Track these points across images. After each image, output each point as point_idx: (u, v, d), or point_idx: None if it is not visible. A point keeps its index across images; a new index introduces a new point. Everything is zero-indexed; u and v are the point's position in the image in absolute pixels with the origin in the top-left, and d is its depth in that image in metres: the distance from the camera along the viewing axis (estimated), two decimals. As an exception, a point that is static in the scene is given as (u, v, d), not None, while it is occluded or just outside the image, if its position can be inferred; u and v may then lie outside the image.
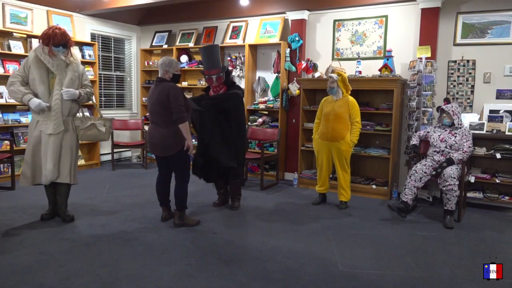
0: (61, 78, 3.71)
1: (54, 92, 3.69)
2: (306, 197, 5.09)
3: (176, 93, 3.60)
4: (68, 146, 3.79)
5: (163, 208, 4.02)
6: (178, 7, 6.70)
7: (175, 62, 3.77)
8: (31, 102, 3.63)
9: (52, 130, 3.69)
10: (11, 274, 2.79)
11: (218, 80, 4.20)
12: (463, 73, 4.98)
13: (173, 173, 3.92)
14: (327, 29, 5.82)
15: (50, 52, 3.66)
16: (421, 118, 4.97)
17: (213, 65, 4.20)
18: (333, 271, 2.96)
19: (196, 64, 6.76)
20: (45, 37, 3.65)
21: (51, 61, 3.67)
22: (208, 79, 4.24)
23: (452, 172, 4.02)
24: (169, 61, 3.73)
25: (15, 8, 5.71)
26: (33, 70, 3.68)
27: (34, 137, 3.74)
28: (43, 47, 3.68)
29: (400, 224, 4.08)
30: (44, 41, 3.66)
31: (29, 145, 3.78)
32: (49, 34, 3.65)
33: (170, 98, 3.57)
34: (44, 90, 3.68)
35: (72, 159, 3.82)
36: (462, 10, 4.95)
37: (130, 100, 7.67)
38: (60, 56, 3.71)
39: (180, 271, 2.91)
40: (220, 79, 4.20)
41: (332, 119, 4.48)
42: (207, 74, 4.23)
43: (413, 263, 3.15)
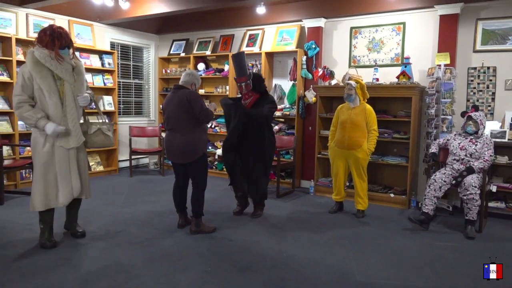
0: (70, 84, 3.31)
1: (67, 102, 3.30)
2: (322, 205, 5.05)
3: (197, 97, 3.69)
4: (84, 157, 3.55)
5: (179, 215, 4.04)
6: (196, 16, 6.79)
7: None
8: (47, 128, 3.23)
9: (75, 143, 3.38)
10: (31, 278, 2.84)
11: (246, 88, 4.24)
12: (484, 80, 4.89)
13: (190, 180, 3.94)
14: (344, 36, 5.80)
15: (57, 55, 3.24)
16: (440, 125, 4.89)
17: (241, 72, 4.25)
18: (350, 281, 2.92)
19: (213, 72, 6.82)
20: (49, 39, 3.21)
21: (59, 66, 3.24)
22: (239, 86, 4.31)
23: (473, 181, 3.93)
24: (199, 76, 3.91)
25: (38, 18, 5.87)
26: (37, 80, 3.20)
27: (45, 154, 3.30)
28: (49, 51, 3.22)
29: (419, 234, 4.00)
30: (48, 44, 3.22)
31: (39, 163, 3.32)
32: (53, 35, 3.23)
33: (192, 102, 3.62)
34: (57, 102, 3.26)
35: (87, 171, 3.61)
36: (482, 17, 4.87)
37: (148, 107, 7.77)
38: (67, 60, 3.32)
39: (196, 278, 2.91)
40: (247, 86, 4.24)
41: (348, 127, 4.44)
42: (238, 81, 4.29)
43: (432, 274, 3.08)
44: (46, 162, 3.31)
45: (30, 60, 3.21)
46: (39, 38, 3.26)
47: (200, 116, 3.66)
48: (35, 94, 3.26)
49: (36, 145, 3.34)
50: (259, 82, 4.32)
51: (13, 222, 4.06)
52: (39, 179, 3.32)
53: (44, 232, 3.44)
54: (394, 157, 5.19)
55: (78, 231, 3.69)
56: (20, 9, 5.67)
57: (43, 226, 3.44)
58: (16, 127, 5.48)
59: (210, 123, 6.25)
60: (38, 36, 3.28)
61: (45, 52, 3.22)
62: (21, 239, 3.58)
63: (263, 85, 4.37)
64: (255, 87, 4.26)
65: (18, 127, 5.52)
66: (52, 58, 3.23)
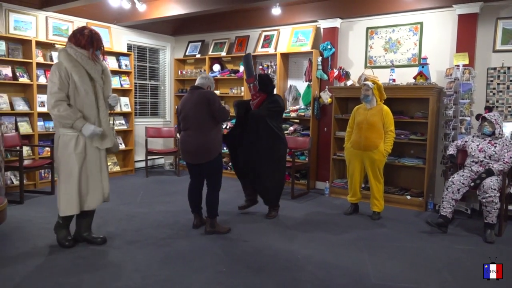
0: (100, 85, 3.32)
1: (99, 102, 3.30)
2: (337, 206, 5.01)
3: (215, 97, 3.81)
4: (106, 159, 3.51)
5: (194, 215, 4.06)
6: (211, 17, 6.83)
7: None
8: (85, 129, 3.18)
9: (110, 143, 3.35)
10: (49, 277, 2.89)
11: (254, 89, 4.30)
12: (504, 81, 4.78)
13: (205, 181, 3.97)
14: (360, 36, 5.75)
15: (94, 56, 3.27)
16: (459, 127, 4.80)
17: (248, 74, 4.37)
18: (365, 284, 2.89)
19: (228, 73, 6.84)
20: (87, 39, 3.23)
21: (93, 66, 3.26)
22: (248, 87, 4.40)
23: (492, 184, 3.85)
24: (213, 80, 4.05)
25: (57, 21, 5.99)
26: (75, 78, 3.17)
27: (78, 155, 3.24)
28: (87, 52, 3.24)
29: (436, 237, 3.93)
30: (86, 45, 3.24)
31: (72, 165, 3.24)
32: (92, 36, 3.26)
33: (211, 100, 3.73)
34: (93, 101, 3.25)
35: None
36: (502, 16, 4.77)
37: (164, 108, 7.84)
38: (99, 61, 3.36)
39: (210, 278, 2.92)
40: (255, 87, 4.29)
41: (365, 128, 4.40)
42: (247, 82, 4.39)
43: (450, 277, 3.03)
44: (79, 163, 3.25)
45: (66, 58, 3.18)
46: (75, 38, 3.24)
47: (218, 114, 3.73)
48: (69, 93, 3.20)
49: (67, 146, 3.25)
50: (266, 82, 4.36)
51: (32, 221, 4.15)
52: (72, 182, 3.25)
53: (62, 229, 3.43)
54: (411, 159, 5.12)
55: (98, 237, 3.54)
56: (40, 12, 5.79)
57: (62, 226, 3.42)
58: (35, 128, 5.60)
59: (225, 123, 6.29)
60: (74, 36, 3.26)
61: (82, 51, 3.23)
62: (40, 238, 3.65)
63: (270, 86, 4.40)
64: (262, 87, 4.31)
65: (37, 128, 5.63)
66: (88, 58, 3.24)
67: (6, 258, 3.18)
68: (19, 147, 5.15)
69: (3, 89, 5.43)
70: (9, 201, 4.09)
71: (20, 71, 5.52)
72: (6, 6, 5.43)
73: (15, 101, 5.48)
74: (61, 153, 3.28)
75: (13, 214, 4.24)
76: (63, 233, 3.45)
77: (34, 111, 5.59)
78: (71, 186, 3.25)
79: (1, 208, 3.63)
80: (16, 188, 5.19)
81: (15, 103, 5.47)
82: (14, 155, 5.21)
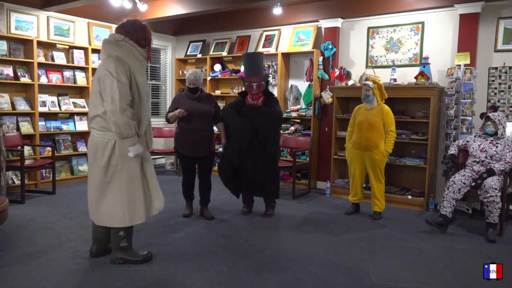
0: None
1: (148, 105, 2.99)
2: (338, 206, 5.01)
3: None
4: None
5: (187, 205, 4.44)
6: (212, 17, 6.83)
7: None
8: (135, 149, 2.82)
9: (151, 145, 3.10)
10: (50, 276, 2.89)
11: (258, 88, 4.20)
12: (505, 80, 4.77)
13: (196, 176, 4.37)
14: (361, 36, 5.75)
15: (149, 56, 2.94)
16: (460, 127, 4.80)
17: (255, 72, 4.20)
18: (366, 283, 2.89)
19: (229, 73, 6.84)
20: (148, 37, 2.87)
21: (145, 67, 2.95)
22: (248, 86, 4.22)
23: (493, 183, 3.84)
24: (200, 73, 4.24)
25: (58, 21, 5.99)
26: (137, 79, 2.77)
27: (137, 160, 2.92)
28: (144, 50, 2.87)
29: (438, 237, 3.93)
30: (143, 43, 2.85)
31: (134, 172, 2.91)
32: (148, 36, 2.87)
33: (214, 102, 4.25)
34: (149, 106, 2.95)
35: None
36: (504, 15, 4.76)
37: (165, 108, 7.84)
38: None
39: (212, 278, 2.92)
40: (260, 87, 4.20)
41: (365, 128, 4.40)
42: (248, 81, 4.21)
43: (451, 277, 3.02)
44: (139, 167, 2.95)
45: (128, 55, 2.76)
46: (137, 33, 2.81)
47: (218, 114, 4.25)
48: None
49: (123, 154, 2.84)
50: (267, 83, 4.40)
51: (34, 221, 4.15)
52: (137, 187, 2.93)
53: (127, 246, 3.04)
54: (412, 159, 5.12)
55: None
56: (41, 12, 5.79)
57: (127, 243, 3.04)
58: (37, 128, 5.61)
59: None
60: (134, 30, 2.81)
61: (141, 50, 2.84)
62: (41, 238, 3.65)
63: (268, 86, 4.48)
64: (265, 88, 4.30)
65: (39, 128, 5.64)
66: (145, 58, 2.88)
67: (7, 258, 3.18)
68: (21, 147, 5.17)
69: (5, 89, 5.44)
70: (10, 201, 4.10)
71: (21, 71, 5.53)
72: (7, 6, 5.44)
73: (16, 101, 5.49)
74: (119, 159, 2.86)
75: (14, 214, 4.25)
76: (132, 250, 3.11)
77: (35, 111, 5.60)
78: (136, 192, 2.93)
79: (2, 208, 3.62)
80: (17, 188, 5.21)
81: (16, 103, 5.48)
82: (16, 155, 5.22)
